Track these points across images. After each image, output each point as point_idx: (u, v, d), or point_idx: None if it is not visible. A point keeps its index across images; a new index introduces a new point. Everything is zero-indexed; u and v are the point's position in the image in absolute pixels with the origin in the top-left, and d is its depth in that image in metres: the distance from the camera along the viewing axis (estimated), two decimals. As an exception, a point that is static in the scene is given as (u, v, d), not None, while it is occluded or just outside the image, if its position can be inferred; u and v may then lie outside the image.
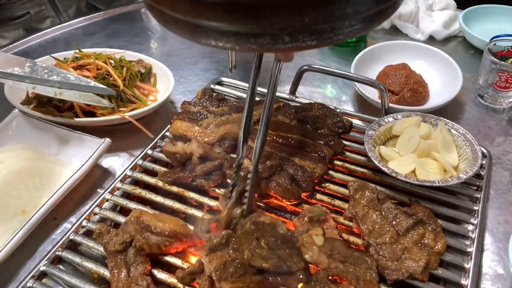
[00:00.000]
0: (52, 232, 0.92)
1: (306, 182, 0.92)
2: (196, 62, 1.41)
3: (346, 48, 1.48)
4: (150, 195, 0.94)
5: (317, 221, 0.83)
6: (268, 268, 0.72)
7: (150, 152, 1.05)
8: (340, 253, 0.76)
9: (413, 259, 0.77)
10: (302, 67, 1.15)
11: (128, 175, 1.00)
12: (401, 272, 0.76)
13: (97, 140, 1.03)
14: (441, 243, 0.81)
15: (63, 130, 1.05)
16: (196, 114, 1.09)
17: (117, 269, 0.78)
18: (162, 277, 0.79)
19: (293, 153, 0.98)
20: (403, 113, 1.05)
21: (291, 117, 1.08)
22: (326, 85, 1.32)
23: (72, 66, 1.14)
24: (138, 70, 1.22)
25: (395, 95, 1.17)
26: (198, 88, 1.19)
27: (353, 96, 1.27)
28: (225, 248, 0.74)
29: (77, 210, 0.96)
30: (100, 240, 0.83)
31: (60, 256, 0.84)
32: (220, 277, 0.70)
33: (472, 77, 1.28)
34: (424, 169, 0.93)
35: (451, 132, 1.01)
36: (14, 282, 0.82)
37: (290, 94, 1.20)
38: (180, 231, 0.82)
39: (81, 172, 0.96)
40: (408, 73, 1.20)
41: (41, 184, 0.96)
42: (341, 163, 1.01)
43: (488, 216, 0.92)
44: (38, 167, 0.98)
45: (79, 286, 0.79)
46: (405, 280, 0.76)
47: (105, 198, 0.94)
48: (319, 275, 0.73)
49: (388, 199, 0.88)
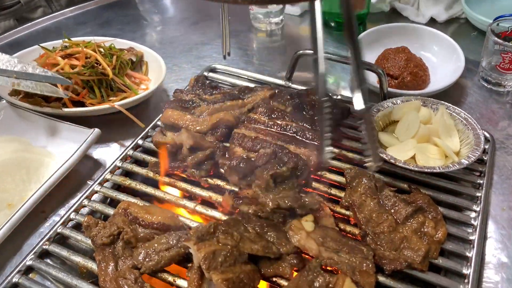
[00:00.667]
0: (40, 226, 0.89)
1: (301, 170, 0.88)
2: (189, 50, 1.38)
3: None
4: (140, 186, 0.92)
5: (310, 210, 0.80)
6: (257, 251, 0.70)
7: (141, 142, 1.02)
8: (334, 241, 0.72)
9: (412, 249, 0.74)
10: (298, 52, 1.11)
11: (118, 166, 0.97)
12: (399, 262, 0.72)
13: (86, 130, 1.00)
14: (441, 231, 0.77)
15: (51, 121, 1.02)
16: (189, 102, 1.06)
17: (105, 262, 0.76)
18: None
19: (288, 140, 0.95)
20: (403, 97, 1.01)
21: (286, 103, 1.04)
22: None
23: (60, 55, 1.10)
24: (129, 58, 1.19)
25: (394, 79, 1.13)
26: (191, 76, 1.16)
27: (351, 81, 1.23)
28: (213, 237, 0.71)
29: (66, 203, 0.93)
30: (88, 233, 0.81)
31: (48, 250, 0.82)
32: (209, 266, 0.67)
33: (474, 59, 1.23)
34: (424, 154, 0.90)
35: (453, 116, 0.97)
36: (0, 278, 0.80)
37: (286, 80, 1.17)
38: (170, 223, 0.80)
39: (70, 164, 0.93)
40: (408, 56, 1.15)
41: (28, 176, 0.93)
42: (338, 150, 0.97)
43: (491, 202, 0.88)
44: (25, 159, 0.95)
45: (66, 281, 0.76)
46: (403, 270, 0.73)
47: (94, 190, 0.92)
48: (312, 264, 0.70)
49: (387, 187, 0.85)
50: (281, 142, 0.94)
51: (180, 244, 0.76)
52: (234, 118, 1.01)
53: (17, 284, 0.77)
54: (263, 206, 0.80)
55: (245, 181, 0.90)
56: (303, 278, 0.70)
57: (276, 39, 1.44)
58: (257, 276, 0.71)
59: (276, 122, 0.99)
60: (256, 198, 0.82)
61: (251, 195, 0.85)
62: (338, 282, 0.70)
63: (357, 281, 0.70)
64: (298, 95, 1.06)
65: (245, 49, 1.37)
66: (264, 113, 1.01)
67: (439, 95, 1.07)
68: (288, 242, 0.73)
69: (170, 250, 0.76)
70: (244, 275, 0.69)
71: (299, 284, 0.69)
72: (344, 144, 0.98)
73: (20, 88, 0.98)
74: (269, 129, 0.98)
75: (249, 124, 1.00)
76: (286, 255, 0.72)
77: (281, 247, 0.73)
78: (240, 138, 0.96)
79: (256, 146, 0.94)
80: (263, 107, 1.02)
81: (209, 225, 0.73)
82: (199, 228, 0.73)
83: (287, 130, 0.98)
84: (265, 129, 0.98)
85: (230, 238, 0.72)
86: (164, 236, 0.78)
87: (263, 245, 0.72)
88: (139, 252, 0.76)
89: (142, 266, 0.75)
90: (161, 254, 0.75)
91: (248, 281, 0.68)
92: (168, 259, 0.75)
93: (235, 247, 0.71)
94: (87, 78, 1.08)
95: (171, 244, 0.76)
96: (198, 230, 0.72)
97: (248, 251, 0.71)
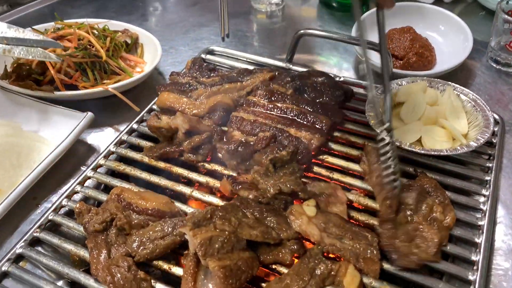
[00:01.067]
0: (32, 213, 0.86)
1: (302, 154, 0.85)
2: (186, 32, 1.33)
3: (347, 13, 1.38)
4: (135, 171, 0.88)
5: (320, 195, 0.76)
6: (256, 236, 0.66)
7: (136, 126, 0.98)
8: (336, 227, 0.69)
9: (424, 238, 0.69)
10: (299, 32, 1.06)
11: (112, 151, 0.93)
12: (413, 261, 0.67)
13: (79, 114, 0.96)
14: (450, 216, 0.73)
15: (43, 105, 0.99)
16: (185, 85, 1.02)
17: (97, 250, 0.72)
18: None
19: (289, 124, 0.91)
20: (408, 78, 0.97)
21: (287, 86, 1.00)
22: (325, 52, 1.23)
23: (52, 36, 1.06)
24: (123, 41, 1.15)
25: (399, 60, 1.09)
26: (188, 58, 1.12)
27: (355, 63, 1.19)
28: (210, 223, 0.67)
29: (59, 189, 0.90)
30: (80, 219, 0.78)
31: (38, 238, 0.78)
32: (206, 253, 0.63)
33: (482, 40, 1.19)
34: (430, 137, 0.86)
35: (460, 98, 0.93)
36: (-12, 267, 0.77)
37: (287, 62, 1.12)
38: (164, 209, 0.76)
39: (62, 148, 0.90)
40: (413, 36, 1.11)
41: (19, 162, 0.89)
42: (341, 133, 0.93)
43: (501, 186, 0.85)
44: (16, 144, 0.91)
45: (57, 269, 0.73)
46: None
47: (87, 176, 0.88)
48: (313, 251, 0.67)
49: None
50: (281, 125, 0.90)
51: (175, 231, 0.72)
52: (232, 101, 0.97)
53: (6, 272, 0.74)
54: (263, 192, 0.76)
55: (244, 166, 0.87)
56: (303, 265, 0.67)
57: (277, 20, 1.39)
58: (255, 264, 0.67)
59: (276, 105, 0.95)
60: (256, 184, 0.79)
61: (250, 180, 0.82)
62: (340, 269, 0.66)
63: (361, 268, 0.67)
64: (299, 77, 1.02)
65: (244, 31, 1.32)
66: (264, 95, 0.97)
67: (446, 76, 1.03)
68: (289, 228, 0.70)
69: (166, 238, 0.72)
70: (242, 262, 0.65)
71: (300, 271, 0.66)
72: (348, 127, 0.94)
73: (11, 55, 0.93)
74: (269, 112, 0.95)
75: (248, 107, 0.96)
76: (286, 241, 0.69)
77: (281, 233, 0.69)
78: (238, 121, 0.92)
79: (255, 130, 0.90)
80: (262, 90, 0.98)
81: (206, 210, 0.70)
82: (195, 213, 0.70)
83: (288, 113, 0.94)
84: (264, 112, 0.94)
85: (228, 223, 0.68)
86: (159, 223, 0.74)
87: (262, 230, 0.68)
88: (133, 240, 0.73)
89: (136, 254, 0.72)
90: (156, 242, 0.72)
91: (247, 269, 0.65)
92: (164, 248, 0.72)
93: (233, 233, 0.67)
94: (79, 60, 1.04)
95: (166, 232, 0.73)
96: (194, 215, 0.69)
97: (247, 237, 0.68)
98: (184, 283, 0.66)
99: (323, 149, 0.89)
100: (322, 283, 0.66)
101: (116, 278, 0.68)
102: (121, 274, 0.68)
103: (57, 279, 0.74)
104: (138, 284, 0.68)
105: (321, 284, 0.65)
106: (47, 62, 1.02)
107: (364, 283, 0.67)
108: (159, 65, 1.20)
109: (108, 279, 0.68)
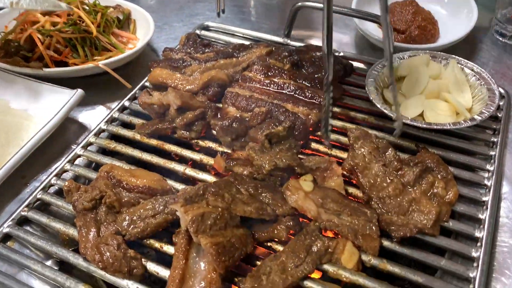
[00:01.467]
0: (20, 192, 0.83)
1: (299, 130, 0.82)
2: (181, 8, 1.29)
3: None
4: (127, 149, 0.85)
5: (316, 170, 0.74)
6: (250, 213, 0.64)
7: (128, 104, 0.95)
8: (334, 203, 0.66)
9: (421, 211, 0.67)
10: (296, 4, 1.02)
11: (103, 128, 0.90)
12: (409, 228, 0.65)
13: (68, 91, 0.93)
14: (452, 191, 0.70)
15: (32, 82, 0.96)
16: (179, 61, 0.98)
17: (86, 228, 0.70)
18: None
19: (285, 99, 0.87)
20: (410, 52, 0.93)
21: (285, 61, 0.96)
22: (324, 27, 1.19)
23: (41, 11, 1.02)
24: (115, 16, 1.11)
25: (401, 33, 1.05)
26: (182, 34, 1.08)
27: (355, 38, 1.15)
28: (202, 199, 0.65)
29: (48, 168, 0.87)
30: (69, 198, 0.75)
31: (26, 217, 0.76)
32: (197, 229, 0.61)
33: (488, 14, 1.14)
34: (433, 111, 0.82)
35: (464, 71, 0.89)
36: (-24, 246, 0.74)
37: (284, 37, 1.08)
38: (155, 186, 0.73)
39: (51, 126, 0.87)
40: (415, 9, 1.07)
41: (7, 140, 0.87)
42: (340, 109, 0.90)
43: (506, 162, 0.82)
44: (3, 122, 0.89)
45: (45, 248, 0.71)
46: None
47: (77, 154, 0.86)
48: (310, 228, 0.64)
49: (390, 147, 0.77)
50: (278, 101, 0.87)
51: (167, 209, 0.69)
52: (227, 77, 0.94)
53: (-7, 252, 0.72)
54: (258, 168, 0.73)
55: (239, 143, 0.84)
56: (299, 242, 0.64)
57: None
58: (250, 241, 0.65)
59: (272, 81, 0.92)
60: (251, 160, 0.76)
61: (244, 157, 0.79)
62: (338, 246, 0.64)
63: (360, 245, 0.64)
64: (297, 51, 0.99)
65: (241, 5, 1.28)
66: (260, 71, 0.94)
67: (449, 50, 0.99)
68: (285, 203, 0.67)
69: (157, 216, 0.70)
70: (236, 239, 0.63)
71: (296, 248, 0.63)
72: (347, 103, 0.91)
73: (19, 7, 0.88)
74: (265, 88, 0.91)
75: (243, 83, 0.93)
76: (282, 217, 0.66)
77: (276, 209, 0.66)
78: (233, 97, 0.89)
79: (250, 106, 0.87)
80: (259, 65, 0.95)
81: (198, 186, 0.67)
82: (187, 190, 0.67)
83: (285, 88, 0.90)
84: (260, 88, 0.91)
85: (221, 200, 0.65)
86: (150, 201, 0.72)
87: (256, 206, 0.66)
88: (123, 218, 0.70)
89: (126, 233, 0.69)
90: (147, 221, 0.70)
91: (240, 246, 0.62)
92: (155, 226, 0.69)
93: (226, 209, 0.65)
94: (69, 36, 1.00)
95: (157, 210, 0.70)
96: (186, 192, 0.67)
97: (241, 214, 0.65)
98: (175, 261, 0.63)
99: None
100: (319, 260, 0.63)
101: (105, 256, 0.66)
102: (110, 252, 0.66)
103: (46, 259, 0.72)
104: (128, 262, 0.65)
105: (317, 261, 0.63)
106: (35, 38, 0.98)
107: (363, 261, 0.65)
108: (153, 42, 1.16)
109: (96, 257, 0.66)
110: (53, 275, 0.68)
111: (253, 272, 0.62)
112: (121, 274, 0.65)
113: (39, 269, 0.69)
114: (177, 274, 0.62)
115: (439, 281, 0.63)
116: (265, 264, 0.63)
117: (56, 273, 0.68)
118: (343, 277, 0.63)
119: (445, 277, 0.65)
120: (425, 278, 0.62)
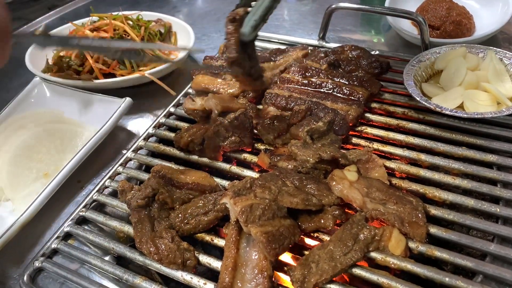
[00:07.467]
0: (77, 195, 0.89)
1: (339, 125, 0.83)
2: (218, 19, 1.34)
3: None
4: (174, 151, 0.89)
5: (358, 162, 0.75)
6: (297, 204, 0.66)
7: (173, 109, 1.00)
8: (379, 192, 0.67)
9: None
10: (331, 6, 1.05)
11: (151, 133, 0.95)
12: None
13: (118, 100, 0.99)
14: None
15: (83, 94, 1.02)
16: (219, 68, 1.03)
17: (141, 224, 0.74)
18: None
19: (324, 97, 0.90)
20: (446, 46, 0.94)
21: (321, 61, 0.99)
22: (358, 28, 1.21)
23: (89, 28, 1.10)
24: (157, 30, 1.17)
25: (436, 30, 1.06)
26: (221, 44, 1.12)
27: (389, 37, 1.17)
28: (250, 192, 0.67)
29: (102, 172, 0.93)
30: (123, 197, 0.79)
31: (84, 217, 0.81)
32: (247, 219, 0.63)
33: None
34: (473, 102, 0.82)
35: (503, 62, 0.89)
36: (39, 245, 0.80)
37: (319, 40, 1.11)
38: (204, 183, 0.77)
39: (103, 133, 0.92)
40: (450, 5, 1.07)
41: (63, 146, 0.93)
42: (379, 105, 0.91)
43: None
44: (59, 130, 0.95)
45: (104, 245, 0.75)
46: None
47: (128, 157, 0.90)
48: (356, 217, 0.65)
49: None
50: (317, 99, 0.89)
51: (217, 207, 0.73)
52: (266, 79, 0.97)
53: (56, 250, 0.77)
54: (302, 162, 0.76)
55: (280, 140, 0.86)
56: (346, 231, 0.65)
57: (307, 2, 1.38)
58: (297, 231, 0.67)
59: (310, 80, 0.94)
60: (294, 157, 0.78)
61: (287, 153, 0.81)
62: (385, 233, 0.65)
63: (406, 232, 0.65)
64: (333, 52, 1.01)
65: (275, 13, 1.31)
66: (298, 72, 0.97)
67: (485, 42, 0.99)
68: (330, 193, 0.69)
69: (208, 214, 0.73)
70: (284, 229, 0.65)
71: (343, 237, 0.65)
72: (386, 99, 0.92)
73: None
74: (303, 88, 0.94)
75: (282, 84, 0.96)
76: (328, 207, 0.68)
77: (322, 199, 0.68)
78: (273, 97, 0.92)
79: (290, 105, 0.89)
80: (296, 67, 0.98)
81: (245, 180, 0.70)
82: (235, 183, 0.70)
83: (323, 87, 0.93)
84: (299, 88, 0.94)
85: (268, 192, 0.68)
86: (201, 199, 0.75)
87: (302, 198, 0.67)
88: (176, 215, 0.74)
89: (179, 228, 0.73)
90: (198, 218, 0.73)
91: (289, 235, 0.64)
92: (206, 223, 0.73)
93: (273, 201, 0.67)
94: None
95: (208, 208, 0.73)
96: (234, 185, 0.69)
97: (287, 205, 0.67)
98: (227, 251, 0.66)
99: (361, 121, 0.88)
100: (366, 248, 0.64)
101: (160, 249, 0.69)
102: (165, 245, 0.69)
103: (104, 255, 0.76)
104: (182, 254, 0.69)
105: (365, 249, 0.64)
106: (85, 53, 1.05)
107: (410, 248, 0.65)
108: (193, 52, 1.21)
109: (152, 250, 0.69)
110: (112, 268, 0.72)
111: (302, 261, 0.64)
112: (175, 266, 0.69)
113: (98, 263, 0.73)
114: (230, 262, 0.64)
115: (489, 265, 0.62)
116: (313, 253, 0.65)
117: (115, 266, 0.72)
118: (391, 263, 0.63)
119: (496, 262, 0.65)
120: (474, 263, 0.62)
